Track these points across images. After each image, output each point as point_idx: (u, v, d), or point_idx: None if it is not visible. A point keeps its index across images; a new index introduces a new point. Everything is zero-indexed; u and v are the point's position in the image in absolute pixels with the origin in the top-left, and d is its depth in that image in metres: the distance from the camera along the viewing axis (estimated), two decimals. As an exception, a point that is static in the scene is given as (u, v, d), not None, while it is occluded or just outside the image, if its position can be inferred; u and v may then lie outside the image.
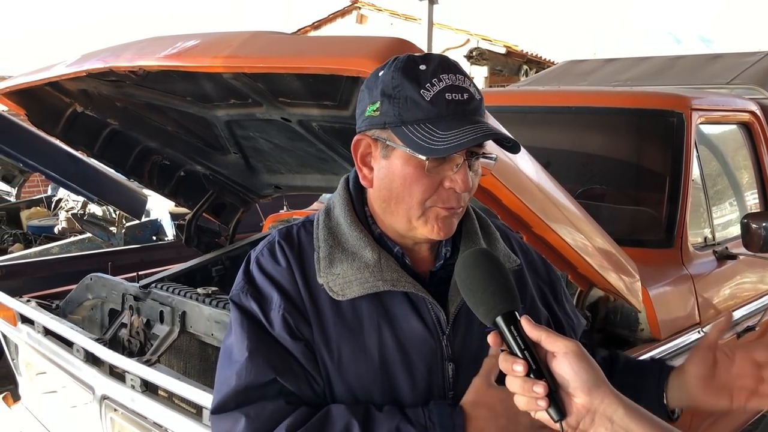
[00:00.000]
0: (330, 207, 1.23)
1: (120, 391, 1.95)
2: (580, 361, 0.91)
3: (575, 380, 0.90)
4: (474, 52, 11.15)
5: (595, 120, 2.84)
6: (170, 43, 1.76)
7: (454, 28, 12.17)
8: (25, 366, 2.68)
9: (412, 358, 1.13)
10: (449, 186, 1.08)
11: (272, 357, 1.10)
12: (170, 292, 2.29)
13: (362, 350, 1.12)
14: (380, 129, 1.09)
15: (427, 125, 1.04)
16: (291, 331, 1.12)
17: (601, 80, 3.95)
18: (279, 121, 2.19)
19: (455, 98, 1.04)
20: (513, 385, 0.92)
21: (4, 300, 2.65)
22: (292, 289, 1.15)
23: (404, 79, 1.05)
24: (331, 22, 13.67)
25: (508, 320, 0.94)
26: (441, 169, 1.07)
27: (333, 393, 1.13)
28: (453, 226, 1.13)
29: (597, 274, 1.87)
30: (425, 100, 1.04)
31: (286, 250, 1.19)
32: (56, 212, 5.37)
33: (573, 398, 0.90)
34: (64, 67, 2.14)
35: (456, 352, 1.14)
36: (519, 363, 0.91)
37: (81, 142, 2.76)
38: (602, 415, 0.90)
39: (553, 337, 0.93)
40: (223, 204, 3.14)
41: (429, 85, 1.04)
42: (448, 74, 1.05)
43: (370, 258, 1.13)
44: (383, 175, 1.12)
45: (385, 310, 1.14)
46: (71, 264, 4.01)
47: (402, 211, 1.11)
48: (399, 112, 1.05)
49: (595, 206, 2.61)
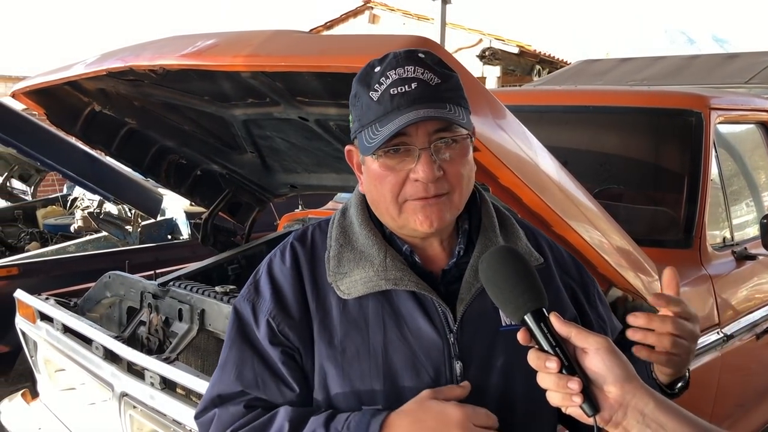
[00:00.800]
0: (347, 207, 1.25)
1: (139, 389, 1.96)
2: (611, 356, 0.91)
3: (608, 375, 0.91)
4: (486, 52, 11.11)
5: (612, 119, 2.82)
6: (190, 42, 1.76)
7: (466, 27, 12.14)
8: (44, 363, 2.70)
9: (418, 356, 1.13)
10: (414, 177, 1.07)
11: (245, 368, 1.15)
12: (189, 290, 2.30)
13: (367, 349, 1.13)
14: (356, 138, 1.12)
15: (375, 125, 1.05)
16: (273, 337, 1.15)
17: (617, 80, 3.92)
18: (296, 121, 2.19)
19: (399, 91, 1.03)
20: (546, 382, 0.92)
21: (23, 298, 2.67)
22: (291, 290, 1.17)
23: (359, 86, 1.08)
24: (343, 22, 13.67)
25: (537, 317, 0.94)
26: (404, 163, 1.07)
27: (333, 392, 1.14)
28: (440, 217, 1.10)
29: (616, 272, 1.86)
30: (374, 101, 1.05)
31: (297, 250, 1.22)
32: (72, 211, 5.39)
33: (605, 393, 0.91)
34: (84, 67, 2.15)
35: (464, 350, 1.13)
36: (552, 360, 0.91)
37: (99, 141, 2.78)
38: (634, 408, 0.90)
39: (584, 333, 0.93)
40: (239, 203, 3.15)
41: (377, 86, 1.05)
42: (395, 69, 1.05)
43: (376, 256, 1.15)
44: (365, 180, 1.15)
45: (391, 309, 1.14)
46: (87, 262, 4.04)
47: (384, 211, 1.13)
48: (359, 119, 1.08)
49: (613, 206, 2.60)
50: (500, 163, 1.46)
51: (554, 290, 1.23)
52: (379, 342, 1.13)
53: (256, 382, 1.14)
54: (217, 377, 1.19)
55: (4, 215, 5.45)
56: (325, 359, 1.14)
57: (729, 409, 2.59)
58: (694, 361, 2.18)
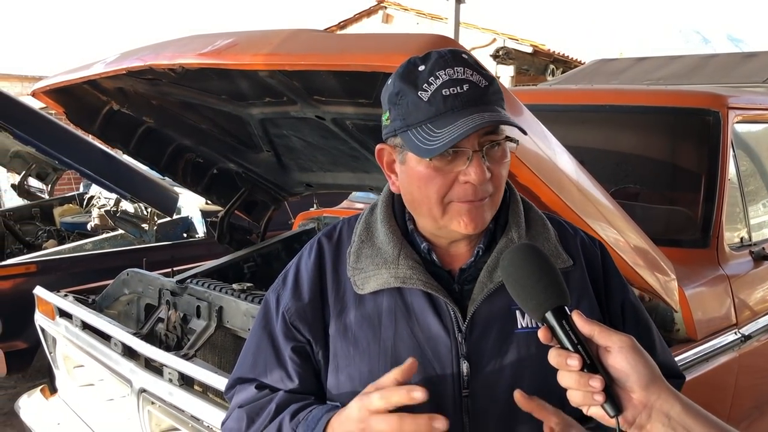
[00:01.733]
0: (375, 204, 1.26)
1: (158, 385, 1.98)
2: (636, 354, 0.89)
3: (632, 375, 0.88)
4: (500, 52, 11.08)
5: (629, 119, 2.81)
6: (210, 41, 1.78)
7: (480, 27, 12.12)
8: (62, 359, 2.72)
9: (426, 353, 1.14)
10: (464, 180, 1.07)
11: (259, 357, 1.24)
12: (207, 287, 2.32)
13: (377, 343, 1.15)
14: (394, 136, 1.11)
15: (427, 125, 1.04)
16: (287, 330, 1.21)
17: (632, 79, 3.90)
18: (313, 119, 2.20)
19: (453, 92, 1.03)
20: (567, 380, 0.90)
21: (42, 294, 2.70)
22: (309, 284, 1.21)
23: (404, 84, 1.07)
24: (357, 22, 13.69)
25: (558, 315, 0.93)
26: (454, 165, 1.07)
27: (342, 383, 1.17)
28: (483, 218, 1.11)
29: (633, 272, 1.86)
30: (423, 101, 1.04)
31: (323, 245, 1.25)
32: (88, 209, 5.43)
33: (630, 393, 0.89)
34: (104, 66, 2.17)
35: (472, 350, 1.13)
36: (573, 357, 0.89)
37: (117, 139, 2.80)
38: (659, 410, 0.88)
39: (607, 331, 0.91)
40: (255, 202, 3.17)
41: (426, 85, 1.04)
42: (445, 69, 1.04)
43: (390, 253, 1.16)
44: (403, 179, 1.14)
45: (404, 305, 1.15)
46: (104, 260, 4.08)
47: (426, 212, 1.13)
48: (404, 118, 1.07)
49: (630, 206, 2.59)
50: (519, 162, 1.47)
51: (580, 292, 1.21)
52: (389, 337, 1.15)
53: (266, 371, 1.22)
54: (240, 361, 1.28)
55: (22, 213, 5.49)
56: (339, 351, 1.18)
57: (746, 411, 2.57)
58: (711, 362, 2.19)
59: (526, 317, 1.15)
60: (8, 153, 5.65)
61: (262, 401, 1.20)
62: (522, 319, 1.15)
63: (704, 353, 2.17)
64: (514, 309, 1.15)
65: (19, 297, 3.64)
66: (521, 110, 1.53)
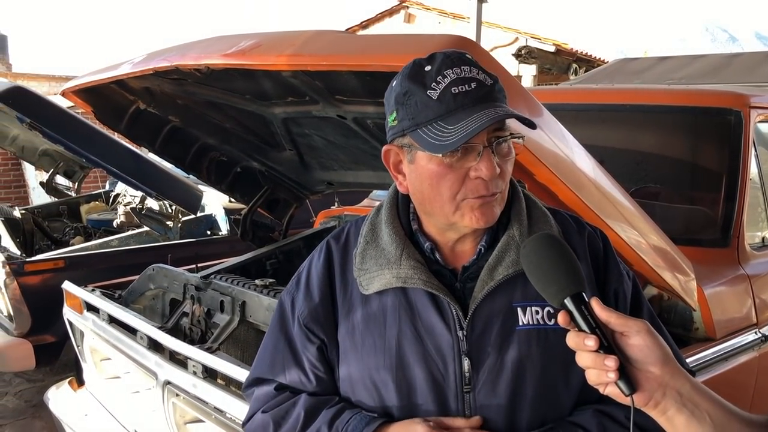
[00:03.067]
0: (381, 205, 1.29)
1: (182, 377, 2.02)
2: (652, 337, 0.95)
3: (650, 356, 0.94)
4: (522, 51, 11.03)
5: (650, 118, 2.81)
6: (234, 41, 1.81)
7: (502, 26, 12.09)
8: (90, 352, 2.78)
9: (429, 350, 1.17)
10: (475, 175, 1.09)
11: (277, 357, 1.29)
12: (230, 282, 2.37)
13: (383, 341, 1.19)
14: (401, 136, 1.13)
15: (439, 123, 1.06)
16: (302, 332, 1.27)
17: (654, 79, 3.88)
18: (334, 119, 2.23)
19: (461, 90, 1.06)
20: (584, 360, 0.95)
21: (71, 289, 2.77)
22: (320, 286, 1.26)
23: (411, 84, 1.09)
24: (379, 22, 13.71)
25: (577, 301, 0.97)
26: (464, 161, 1.09)
27: (352, 381, 1.22)
28: (494, 213, 1.14)
29: (652, 271, 1.87)
30: (433, 99, 1.06)
31: (332, 247, 1.30)
32: (114, 206, 5.51)
33: (646, 374, 0.94)
34: (131, 66, 2.22)
35: (472, 347, 1.16)
36: (590, 338, 0.93)
37: (143, 138, 2.86)
38: (672, 388, 0.94)
39: (623, 318, 0.96)
40: (277, 200, 3.21)
41: (434, 84, 1.07)
42: (452, 68, 1.07)
43: (393, 254, 1.20)
44: (413, 179, 1.16)
45: (408, 304, 1.19)
46: (130, 256, 4.14)
47: (438, 210, 1.15)
48: (413, 117, 1.09)
49: (650, 205, 2.59)
50: (537, 160, 1.48)
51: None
52: (393, 335, 1.18)
53: (284, 370, 1.28)
54: (257, 361, 1.34)
55: (50, 211, 5.59)
56: (347, 350, 1.22)
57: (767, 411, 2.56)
58: (731, 361, 2.18)
59: (527, 314, 1.17)
60: (37, 151, 5.76)
61: (286, 405, 1.24)
62: (523, 317, 1.17)
63: (723, 352, 2.17)
64: (516, 306, 1.17)
65: (47, 292, 3.72)
66: (539, 109, 1.55)
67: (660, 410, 0.94)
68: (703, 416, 0.93)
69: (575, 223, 1.30)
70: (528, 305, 1.17)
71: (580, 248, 1.24)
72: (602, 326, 0.95)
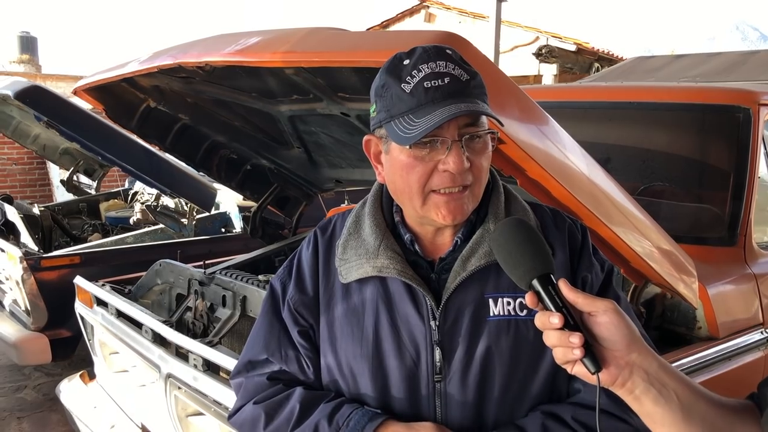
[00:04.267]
0: (367, 197, 1.32)
1: (184, 370, 2.05)
2: (618, 317, 0.95)
3: (616, 335, 0.94)
4: (543, 50, 10.98)
5: (658, 116, 2.78)
6: (234, 39, 1.84)
7: (523, 25, 12.03)
8: (99, 346, 2.83)
9: (403, 339, 1.19)
10: (443, 168, 1.11)
11: (271, 339, 1.29)
12: (232, 278, 2.40)
13: (360, 329, 1.21)
14: (379, 127, 1.16)
15: (408, 116, 1.08)
16: (292, 316, 1.28)
17: (669, 77, 3.84)
18: (338, 116, 2.25)
19: (433, 85, 1.07)
20: (550, 339, 0.95)
21: (81, 284, 2.82)
22: (309, 273, 1.29)
23: (388, 77, 1.11)
24: (399, 21, 13.72)
25: (544, 282, 0.97)
26: (434, 154, 1.11)
27: (330, 367, 1.24)
28: (461, 210, 1.15)
29: (650, 268, 1.85)
30: (405, 92, 1.08)
31: (318, 237, 1.33)
32: (132, 204, 5.60)
33: (613, 353, 0.94)
34: (138, 64, 2.26)
35: (444, 337, 1.18)
36: (555, 315, 0.94)
37: (154, 135, 2.90)
38: (639, 367, 0.94)
39: (591, 298, 0.96)
40: (287, 197, 3.24)
41: (409, 78, 1.08)
42: (427, 63, 1.08)
43: (372, 244, 1.22)
44: (388, 169, 1.19)
45: (386, 294, 1.21)
46: (144, 253, 4.20)
47: (407, 201, 1.17)
48: (388, 109, 1.11)
49: (657, 203, 2.57)
50: (527, 156, 1.48)
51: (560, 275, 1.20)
52: (371, 324, 1.21)
53: (279, 351, 1.28)
54: (249, 344, 1.33)
55: (70, 208, 5.69)
56: (326, 337, 1.25)
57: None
58: (735, 361, 2.16)
59: (498, 305, 1.18)
60: (58, 150, 5.87)
61: (280, 398, 1.25)
62: (494, 307, 1.18)
63: (727, 352, 2.14)
64: (487, 297, 1.19)
65: (64, 287, 3.77)
66: (530, 105, 1.55)
67: (627, 389, 0.94)
68: (670, 395, 0.93)
69: (554, 217, 1.30)
70: (500, 296, 1.18)
71: (558, 241, 1.25)
72: (569, 306, 0.96)
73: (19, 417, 4.18)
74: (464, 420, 1.17)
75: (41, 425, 4.06)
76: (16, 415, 4.21)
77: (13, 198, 5.65)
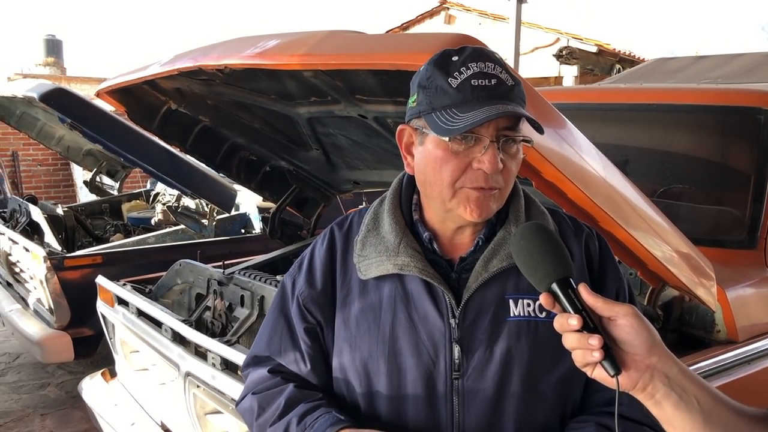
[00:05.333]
0: (385, 195, 1.33)
1: (202, 369, 2.08)
2: (639, 321, 0.94)
3: (636, 338, 0.93)
4: (563, 51, 10.91)
5: (677, 118, 2.77)
6: (253, 42, 1.86)
7: (543, 27, 11.97)
8: (120, 344, 2.87)
9: (421, 337, 1.20)
10: (477, 167, 1.12)
11: (275, 337, 1.33)
12: (251, 278, 2.42)
13: (377, 326, 1.22)
14: (417, 118, 1.17)
15: (452, 110, 1.10)
16: (300, 312, 1.30)
17: (690, 78, 3.80)
18: (356, 118, 2.27)
19: (481, 84, 1.09)
20: (569, 341, 0.95)
21: (103, 283, 2.86)
22: (322, 270, 1.30)
23: (435, 70, 1.12)
24: (419, 23, 13.70)
25: (563, 285, 0.98)
26: (470, 151, 1.12)
27: (344, 364, 1.25)
28: (489, 208, 1.16)
29: (667, 271, 1.84)
30: (452, 87, 1.10)
31: (335, 234, 1.34)
32: (153, 205, 5.66)
33: (633, 356, 0.93)
34: (159, 67, 2.29)
35: (464, 335, 1.19)
36: (573, 317, 0.94)
37: (175, 137, 2.94)
38: (660, 371, 0.93)
39: (610, 303, 0.96)
40: (306, 198, 3.26)
41: (457, 74, 1.10)
42: (477, 62, 1.10)
43: (392, 242, 1.23)
44: (419, 160, 1.19)
45: (403, 291, 1.22)
46: (165, 253, 4.25)
47: (436, 194, 1.18)
48: (430, 101, 1.12)
49: (676, 205, 2.56)
50: (542, 158, 1.49)
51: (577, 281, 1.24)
52: (388, 321, 1.22)
53: (280, 350, 1.32)
54: (256, 340, 1.38)
55: (93, 209, 5.77)
56: (341, 334, 1.26)
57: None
58: (754, 365, 2.14)
59: (519, 306, 1.19)
60: (81, 151, 5.96)
61: (273, 392, 1.28)
62: (515, 308, 1.19)
63: (746, 355, 2.12)
64: (508, 298, 1.20)
65: (86, 286, 3.82)
66: (546, 108, 1.55)
67: (648, 394, 0.94)
68: (691, 400, 0.92)
69: (573, 224, 1.32)
70: (520, 297, 1.20)
71: (575, 248, 1.26)
72: (589, 310, 0.96)
73: (42, 414, 4.25)
74: (482, 417, 1.18)
75: (64, 422, 4.13)
76: (40, 412, 4.28)
77: (37, 199, 5.75)
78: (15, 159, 9.89)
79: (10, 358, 5.20)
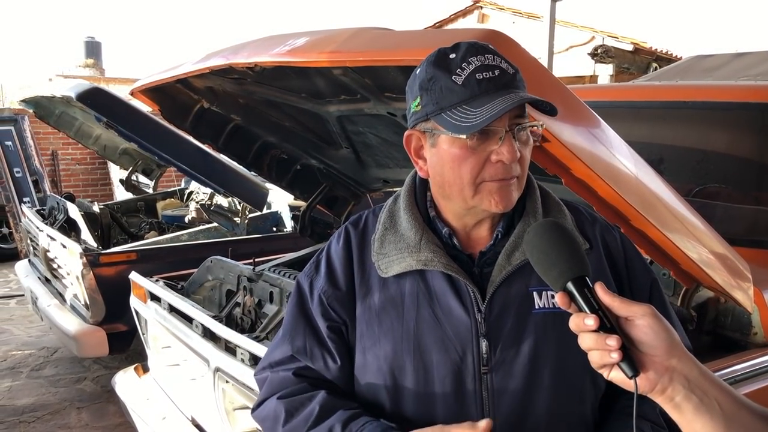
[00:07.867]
0: (399, 193, 1.32)
1: (231, 364, 2.09)
2: (658, 321, 0.91)
3: (655, 340, 0.90)
4: (599, 50, 10.76)
5: (713, 116, 2.71)
6: (283, 40, 1.87)
7: (578, 25, 11.83)
8: (152, 340, 2.91)
9: (447, 333, 1.19)
10: (496, 159, 1.11)
11: (297, 336, 1.29)
12: (280, 275, 2.44)
13: (401, 323, 1.21)
14: (424, 121, 1.16)
15: (463, 107, 1.09)
16: (324, 311, 1.28)
17: (728, 76, 3.71)
18: (386, 116, 2.27)
19: (486, 76, 1.08)
20: (586, 342, 0.92)
21: (136, 279, 2.91)
22: (341, 269, 1.28)
23: (436, 70, 1.12)
24: (452, 22, 13.64)
25: (579, 284, 0.95)
26: (486, 145, 1.12)
27: (368, 363, 1.23)
28: (512, 198, 1.16)
29: (702, 271, 1.80)
30: (457, 84, 1.09)
31: (350, 232, 1.33)
32: (187, 203, 5.74)
33: (652, 357, 0.90)
34: (191, 65, 2.32)
35: (491, 329, 1.17)
36: (590, 317, 0.91)
37: (207, 135, 2.97)
38: (680, 373, 0.90)
39: (627, 302, 0.93)
40: (336, 197, 3.28)
41: (459, 71, 1.09)
42: (476, 56, 1.10)
43: (412, 239, 1.22)
44: (434, 162, 1.18)
45: (426, 288, 1.21)
46: (198, 250, 4.30)
47: (457, 193, 1.17)
48: (437, 101, 1.11)
49: (711, 205, 2.50)
50: (572, 155, 1.46)
51: (597, 274, 1.20)
52: (412, 318, 1.20)
53: (305, 349, 1.29)
54: (275, 342, 1.34)
55: (129, 206, 5.87)
56: (364, 332, 1.24)
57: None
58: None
59: (543, 298, 1.19)
60: (117, 150, 6.07)
61: (302, 397, 1.25)
62: (539, 300, 1.19)
63: (784, 359, 2.07)
64: (532, 290, 1.19)
65: (121, 283, 3.89)
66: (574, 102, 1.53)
67: (667, 397, 0.90)
68: (712, 404, 0.89)
69: (589, 215, 1.31)
70: (544, 290, 1.19)
71: (592, 239, 1.26)
72: (606, 310, 0.93)
73: (78, 407, 4.33)
74: (512, 412, 1.17)
75: (99, 415, 4.21)
76: (76, 405, 4.37)
77: (74, 197, 5.86)
78: (54, 158, 10.13)
79: (48, 353, 5.32)
